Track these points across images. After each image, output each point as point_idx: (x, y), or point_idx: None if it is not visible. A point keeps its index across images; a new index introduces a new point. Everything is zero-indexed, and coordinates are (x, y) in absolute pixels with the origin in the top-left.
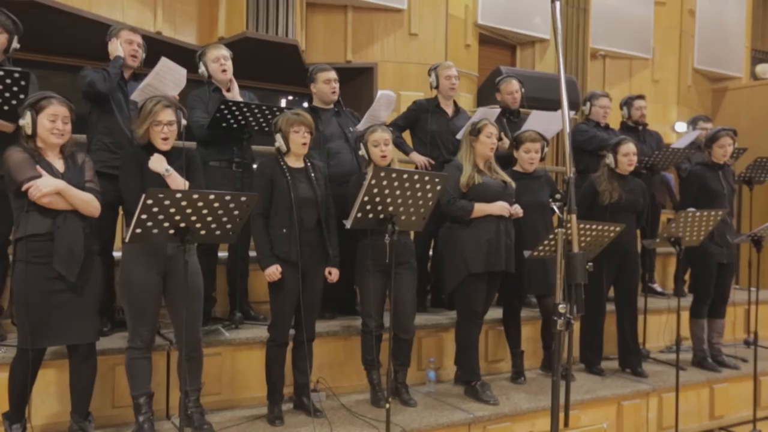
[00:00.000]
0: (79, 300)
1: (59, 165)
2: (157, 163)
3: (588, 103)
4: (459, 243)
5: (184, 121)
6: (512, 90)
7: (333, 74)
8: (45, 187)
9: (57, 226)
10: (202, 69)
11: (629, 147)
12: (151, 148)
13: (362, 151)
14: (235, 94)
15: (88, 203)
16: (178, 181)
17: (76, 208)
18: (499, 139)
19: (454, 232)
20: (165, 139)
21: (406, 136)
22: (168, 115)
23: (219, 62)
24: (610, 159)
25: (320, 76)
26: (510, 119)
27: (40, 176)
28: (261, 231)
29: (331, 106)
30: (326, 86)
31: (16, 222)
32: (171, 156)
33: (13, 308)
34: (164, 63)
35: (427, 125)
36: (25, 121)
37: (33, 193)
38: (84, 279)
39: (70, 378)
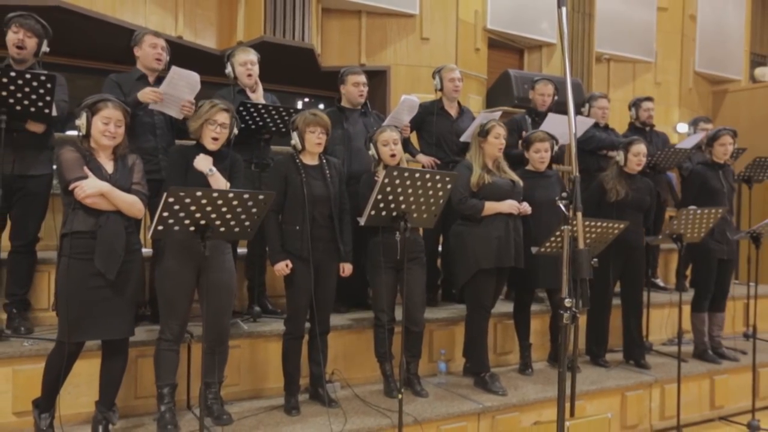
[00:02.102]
0: (117, 297)
1: (109, 166)
2: (203, 163)
3: (587, 105)
4: (470, 240)
5: (235, 130)
6: (544, 92)
7: (362, 78)
8: (89, 189)
9: (100, 226)
10: (228, 70)
11: (640, 148)
12: (199, 148)
13: (372, 151)
14: (259, 97)
15: (132, 205)
16: (220, 182)
17: (120, 210)
18: (520, 137)
19: (465, 229)
20: (215, 139)
21: (413, 137)
22: (223, 117)
23: (246, 66)
24: (620, 156)
25: (350, 78)
26: (535, 120)
27: (86, 177)
28: (273, 227)
29: (359, 107)
30: (355, 89)
31: (64, 218)
32: (217, 158)
33: (56, 302)
34: (175, 71)
35: (432, 127)
36: (81, 121)
37: (77, 193)
38: (124, 277)
39: (101, 370)
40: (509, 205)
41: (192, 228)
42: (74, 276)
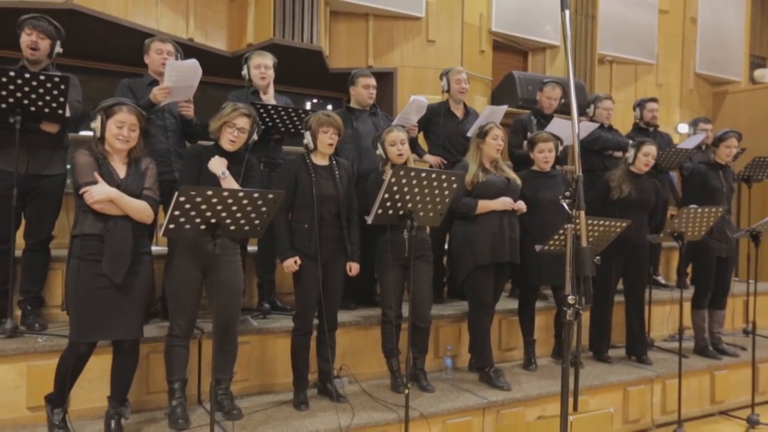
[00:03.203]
0: (126, 298)
1: (122, 171)
2: (216, 165)
3: (592, 106)
4: (467, 237)
5: (255, 136)
6: (552, 96)
7: (372, 81)
8: (97, 195)
9: (108, 230)
10: (244, 72)
11: (651, 149)
12: (217, 149)
13: (380, 151)
14: (269, 98)
15: (141, 211)
16: (231, 186)
17: (129, 216)
18: (525, 138)
19: (462, 227)
20: (232, 141)
21: (420, 138)
22: (243, 122)
23: (260, 69)
24: (630, 154)
25: (360, 80)
26: (540, 121)
27: (96, 182)
28: (282, 225)
29: (368, 108)
30: (364, 91)
31: (75, 219)
32: (233, 160)
33: (66, 302)
34: (171, 66)
35: (438, 128)
36: (96, 124)
37: (86, 198)
38: (132, 278)
39: (112, 369)
40: (502, 203)
41: (203, 227)
42: (83, 277)
